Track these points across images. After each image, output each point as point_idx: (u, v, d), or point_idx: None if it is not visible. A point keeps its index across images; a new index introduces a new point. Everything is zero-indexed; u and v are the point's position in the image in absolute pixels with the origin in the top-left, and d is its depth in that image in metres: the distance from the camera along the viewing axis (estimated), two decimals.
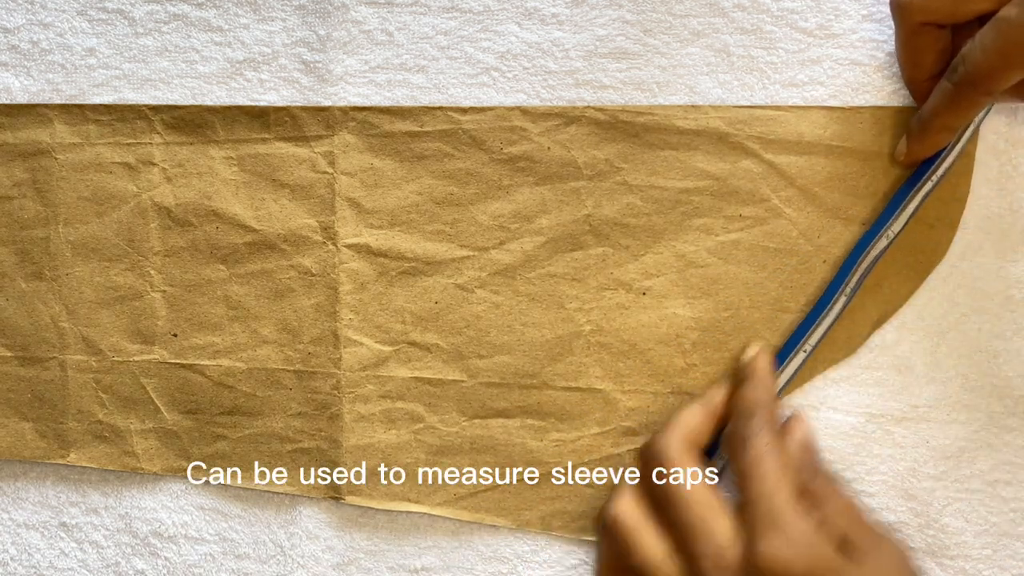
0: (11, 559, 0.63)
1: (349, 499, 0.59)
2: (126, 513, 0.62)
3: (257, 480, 0.60)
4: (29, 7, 0.61)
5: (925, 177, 0.53)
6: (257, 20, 0.59)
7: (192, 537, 0.61)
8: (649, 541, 0.51)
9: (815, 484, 0.52)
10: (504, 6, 0.57)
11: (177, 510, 0.61)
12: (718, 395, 0.54)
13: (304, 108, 0.58)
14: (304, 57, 0.58)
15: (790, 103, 0.55)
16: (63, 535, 0.63)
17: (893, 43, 0.54)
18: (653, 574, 0.50)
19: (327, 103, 0.58)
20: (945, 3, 0.48)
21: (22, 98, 0.61)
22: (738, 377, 0.54)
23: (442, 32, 0.58)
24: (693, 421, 0.53)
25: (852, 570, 0.47)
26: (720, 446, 0.53)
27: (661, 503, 0.51)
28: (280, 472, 0.60)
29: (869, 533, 0.51)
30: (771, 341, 0.56)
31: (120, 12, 0.60)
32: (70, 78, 0.61)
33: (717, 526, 0.49)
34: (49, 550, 0.63)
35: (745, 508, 0.49)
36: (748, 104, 0.55)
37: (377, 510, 0.60)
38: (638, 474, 0.54)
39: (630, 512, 0.52)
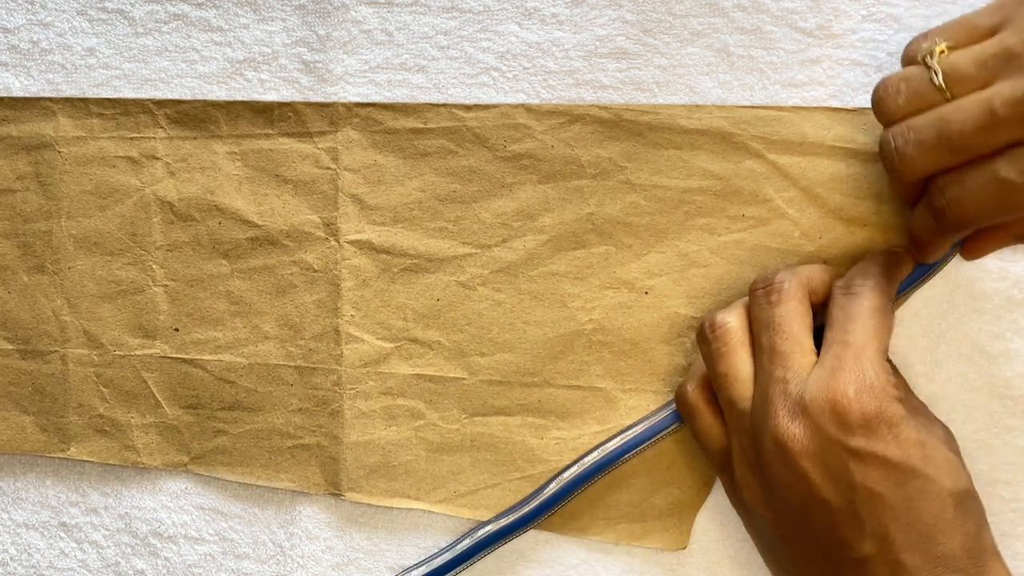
0: (11, 559, 0.63)
1: (349, 495, 0.59)
2: (126, 513, 0.62)
3: (257, 475, 0.60)
4: (29, 7, 0.61)
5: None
6: (257, 20, 0.59)
7: (192, 537, 0.61)
8: (744, 357, 0.52)
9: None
10: (504, 6, 0.57)
11: (177, 510, 0.61)
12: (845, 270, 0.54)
13: (308, 104, 0.58)
14: (304, 57, 0.58)
15: (790, 103, 0.55)
16: (63, 535, 0.62)
17: (893, 43, 0.55)
18: (732, 386, 0.51)
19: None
20: (939, 162, 0.48)
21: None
22: (869, 256, 0.54)
23: (442, 32, 0.58)
24: (816, 275, 0.53)
25: (912, 430, 0.47)
26: (833, 288, 0.53)
27: (762, 325, 0.51)
28: (280, 467, 0.60)
29: (927, 410, 0.52)
30: None
31: (120, 12, 0.60)
32: (70, 78, 0.60)
33: (803, 360, 0.49)
34: (49, 550, 0.63)
35: (832, 347, 0.49)
36: (749, 104, 0.55)
37: (377, 510, 0.60)
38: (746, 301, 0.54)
39: (739, 326, 0.53)
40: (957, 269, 0.55)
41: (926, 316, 0.56)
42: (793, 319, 0.51)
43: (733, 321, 0.53)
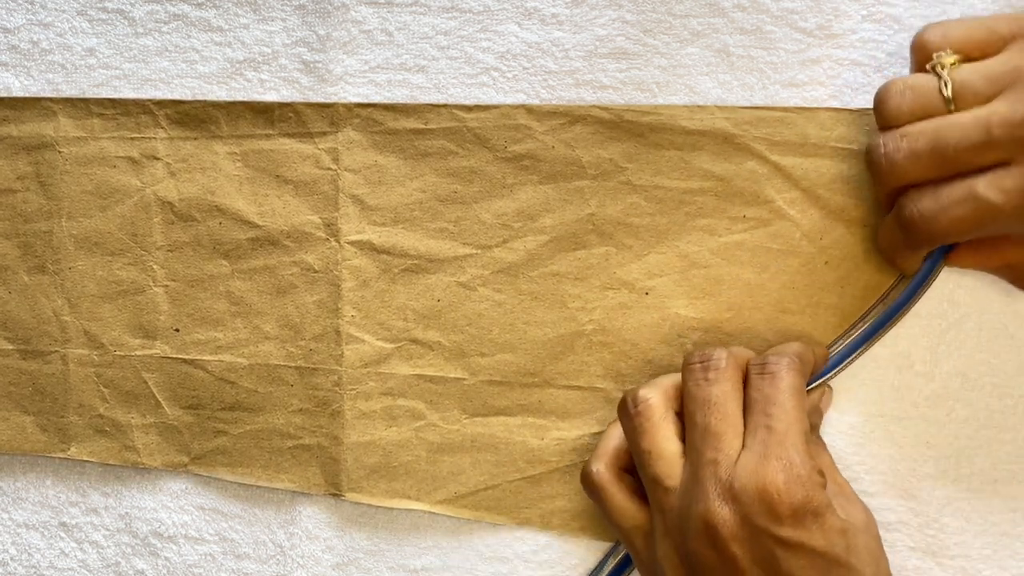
0: (11, 559, 0.63)
1: (349, 496, 0.59)
2: (126, 513, 0.62)
3: (257, 476, 0.60)
4: (29, 7, 0.61)
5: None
6: (257, 20, 0.59)
7: (192, 537, 0.61)
8: (668, 434, 0.52)
9: (814, 439, 0.54)
10: (504, 6, 0.57)
11: (177, 510, 0.61)
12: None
13: (308, 104, 0.58)
14: (304, 57, 0.58)
15: (790, 103, 0.55)
16: (63, 535, 0.62)
17: (893, 43, 0.55)
18: (655, 464, 0.51)
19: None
20: (926, 172, 0.48)
21: None
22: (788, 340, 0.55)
23: (442, 32, 0.58)
24: (745, 355, 0.53)
25: (836, 518, 0.48)
26: (748, 368, 0.53)
27: (697, 402, 0.51)
28: (281, 468, 0.60)
29: (849, 490, 0.53)
30: (772, 342, 0.56)
31: (120, 12, 0.60)
32: (70, 78, 0.60)
33: (734, 441, 0.49)
34: (49, 550, 0.62)
35: (757, 432, 0.49)
36: (749, 104, 0.55)
37: (377, 510, 0.59)
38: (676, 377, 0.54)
39: (661, 403, 0.52)
40: (956, 268, 0.55)
41: (926, 316, 0.56)
42: (729, 399, 0.51)
43: (656, 397, 0.52)
